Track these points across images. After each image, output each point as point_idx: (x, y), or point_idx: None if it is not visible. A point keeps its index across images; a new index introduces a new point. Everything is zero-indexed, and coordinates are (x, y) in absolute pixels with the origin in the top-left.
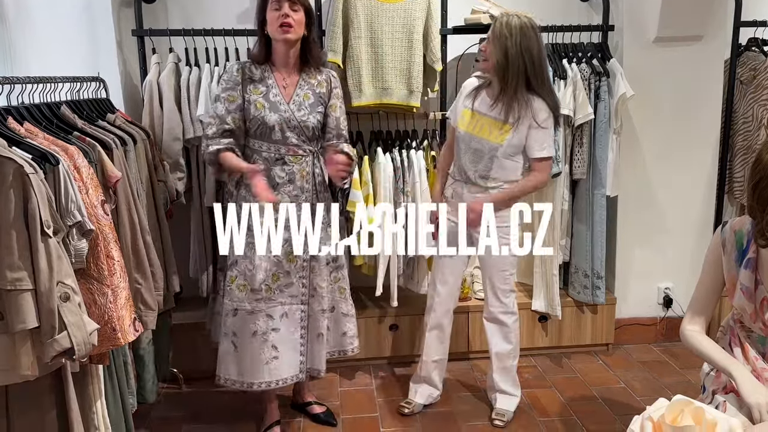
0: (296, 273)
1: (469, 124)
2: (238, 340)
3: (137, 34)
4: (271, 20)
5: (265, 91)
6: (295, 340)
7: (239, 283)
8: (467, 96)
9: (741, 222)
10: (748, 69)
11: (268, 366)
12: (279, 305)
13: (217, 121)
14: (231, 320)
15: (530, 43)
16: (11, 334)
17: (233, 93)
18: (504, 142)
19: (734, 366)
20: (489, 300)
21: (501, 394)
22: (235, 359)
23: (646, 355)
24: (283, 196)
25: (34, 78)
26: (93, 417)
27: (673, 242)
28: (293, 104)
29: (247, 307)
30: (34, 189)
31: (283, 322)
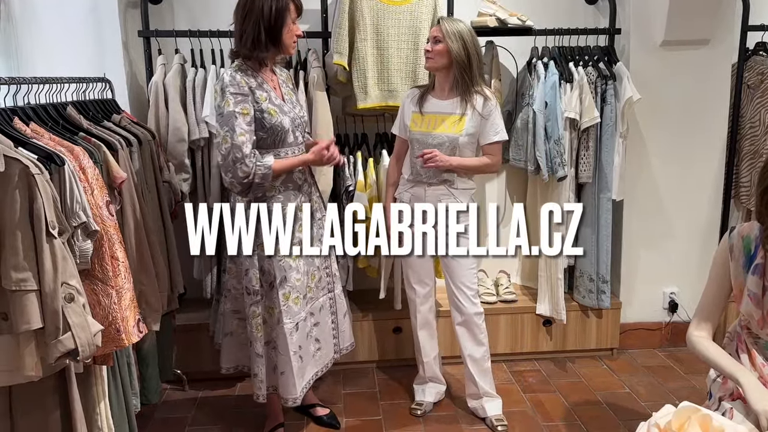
0: (322, 264)
1: (422, 125)
2: (303, 350)
3: (143, 35)
4: (291, 32)
5: (267, 96)
6: (329, 327)
7: (294, 297)
8: (412, 103)
9: (749, 227)
10: (756, 73)
11: (314, 358)
12: (317, 300)
13: (248, 137)
14: (296, 337)
15: (477, 43)
16: (15, 335)
17: (246, 105)
18: (462, 131)
19: (741, 373)
20: (459, 303)
21: (488, 398)
22: (299, 370)
23: (651, 360)
24: (305, 196)
25: (40, 78)
26: (96, 418)
27: (678, 247)
28: (288, 103)
29: (303, 315)
30: (40, 190)
31: (321, 314)
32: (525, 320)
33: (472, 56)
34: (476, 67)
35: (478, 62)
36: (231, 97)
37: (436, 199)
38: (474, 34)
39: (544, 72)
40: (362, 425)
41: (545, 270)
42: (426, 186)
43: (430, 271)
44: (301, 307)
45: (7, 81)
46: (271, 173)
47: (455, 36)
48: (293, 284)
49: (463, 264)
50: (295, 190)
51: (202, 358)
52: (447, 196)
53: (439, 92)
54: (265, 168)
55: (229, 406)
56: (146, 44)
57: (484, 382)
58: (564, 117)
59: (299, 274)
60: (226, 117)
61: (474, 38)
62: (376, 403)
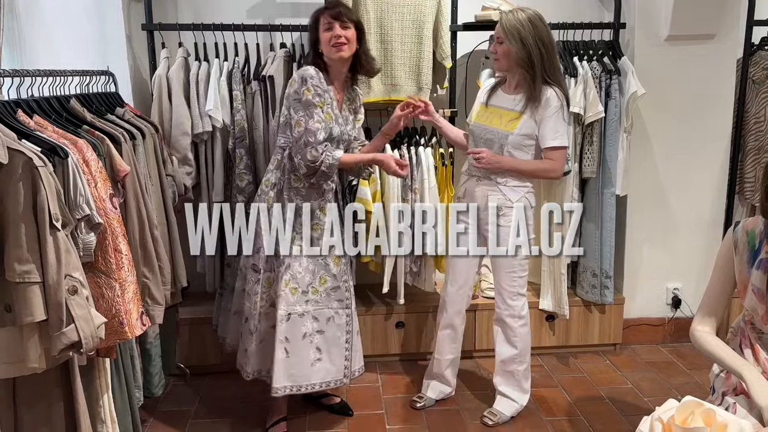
0: (341, 276)
1: (480, 116)
2: (290, 345)
3: (147, 29)
4: (324, 40)
5: (330, 102)
6: (341, 345)
7: (292, 287)
8: (484, 93)
9: (753, 222)
10: (761, 68)
11: (313, 368)
12: (326, 308)
13: (323, 125)
14: (285, 326)
15: (542, 33)
16: (19, 327)
17: (324, 99)
18: (515, 130)
19: (745, 367)
20: (497, 301)
21: (501, 396)
22: (288, 366)
23: (654, 356)
24: (327, 201)
25: (43, 71)
26: (100, 410)
27: (682, 242)
28: (342, 118)
29: (298, 309)
30: (43, 182)
31: (329, 326)
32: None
33: (533, 55)
34: (540, 65)
35: (543, 58)
36: (312, 88)
37: (484, 195)
38: (538, 24)
39: None
40: (365, 419)
41: (548, 265)
42: (477, 180)
43: (468, 271)
44: (297, 300)
45: (10, 73)
46: (337, 164)
47: (513, 35)
48: (294, 274)
49: (503, 265)
50: (320, 193)
51: (205, 351)
52: (495, 193)
53: (507, 87)
54: (334, 159)
55: (232, 399)
56: (150, 37)
57: (503, 381)
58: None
59: (301, 267)
60: (304, 103)
61: (537, 30)
62: (378, 397)
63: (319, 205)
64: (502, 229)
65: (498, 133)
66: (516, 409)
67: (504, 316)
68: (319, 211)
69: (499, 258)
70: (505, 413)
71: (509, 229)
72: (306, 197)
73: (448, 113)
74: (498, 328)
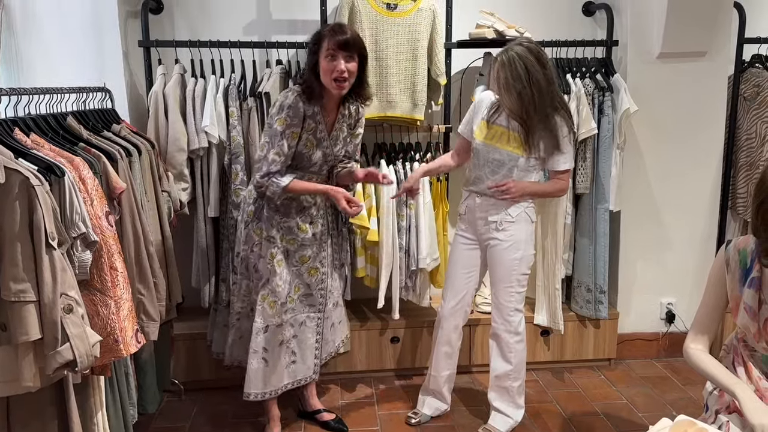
0: (316, 286)
1: (487, 135)
2: (269, 354)
3: (143, 45)
4: (325, 70)
5: (314, 127)
6: (312, 345)
7: (270, 300)
8: (486, 108)
9: (745, 241)
10: (752, 85)
11: (288, 369)
12: (300, 314)
13: (283, 159)
14: (262, 337)
15: (536, 73)
16: (14, 346)
17: (296, 130)
18: (524, 155)
19: (738, 386)
20: (493, 316)
21: (496, 412)
22: (265, 373)
23: (649, 371)
24: (307, 218)
25: (40, 89)
26: (94, 428)
27: (675, 257)
28: (332, 139)
29: (276, 321)
30: (40, 201)
31: (302, 329)
32: None
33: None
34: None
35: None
36: (287, 118)
37: (485, 210)
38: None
39: None
40: None
41: (543, 280)
42: (477, 196)
43: (467, 287)
44: (275, 313)
45: (8, 92)
46: (280, 191)
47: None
48: (273, 288)
49: (502, 280)
50: (298, 210)
51: (199, 367)
52: (495, 207)
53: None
54: (278, 187)
55: (227, 415)
56: (146, 54)
57: (497, 396)
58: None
59: (281, 281)
60: (272, 132)
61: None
62: (374, 413)
63: (297, 223)
64: (502, 243)
65: (508, 155)
66: (511, 425)
67: (501, 332)
68: (297, 229)
69: (499, 273)
70: (501, 429)
71: (509, 244)
72: (284, 213)
73: (443, 129)
74: (493, 342)
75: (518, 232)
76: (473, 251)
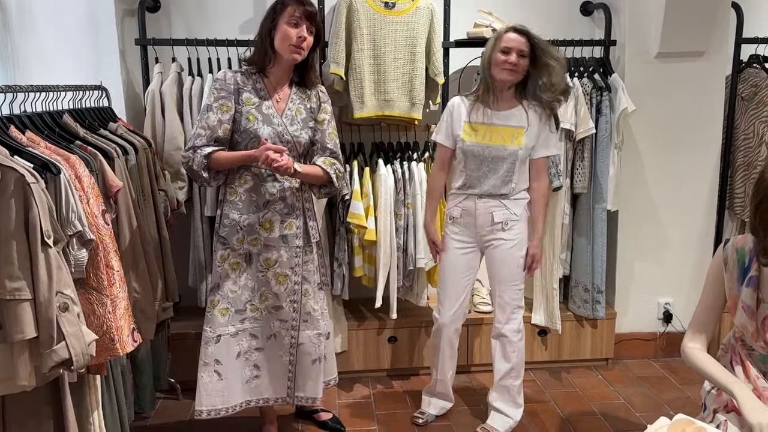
0: (286, 297)
1: (477, 136)
2: (223, 366)
3: (140, 44)
4: (284, 35)
5: (257, 102)
6: (283, 365)
7: (222, 308)
8: (463, 112)
9: (743, 240)
10: (750, 85)
11: (249, 384)
12: (267, 326)
13: (208, 132)
14: (213, 348)
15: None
16: (9, 345)
17: (227, 102)
18: (522, 145)
19: (736, 385)
20: (497, 316)
21: (495, 412)
22: (219, 388)
23: (646, 370)
24: (273, 214)
25: (36, 87)
26: (90, 427)
27: (673, 257)
28: (286, 118)
29: (231, 330)
30: (35, 199)
31: (269, 343)
32: None
33: (548, 66)
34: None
35: None
36: (214, 91)
37: (487, 211)
38: None
39: None
40: None
41: (540, 280)
42: (476, 198)
43: (464, 290)
44: (229, 320)
45: (3, 89)
46: (204, 162)
47: (543, 47)
48: (225, 294)
49: (508, 279)
50: (259, 205)
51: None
52: (499, 208)
53: (498, 102)
54: (200, 156)
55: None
56: (143, 52)
57: (498, 397)
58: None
59: (236, 286)
60: (202, 109)
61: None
62: (371, 412)
63: (259, 219)
64: (508, 242)
65: (506, 150)
66: (510, 426)
67: (506, 331)
68: (260, 227)
69: (504, 272)
70: (499, 429)
71: (515, 243)
72: (243, 210)
73: None
74: (497, 342)
75: (522, 229)
76: (470, 254)
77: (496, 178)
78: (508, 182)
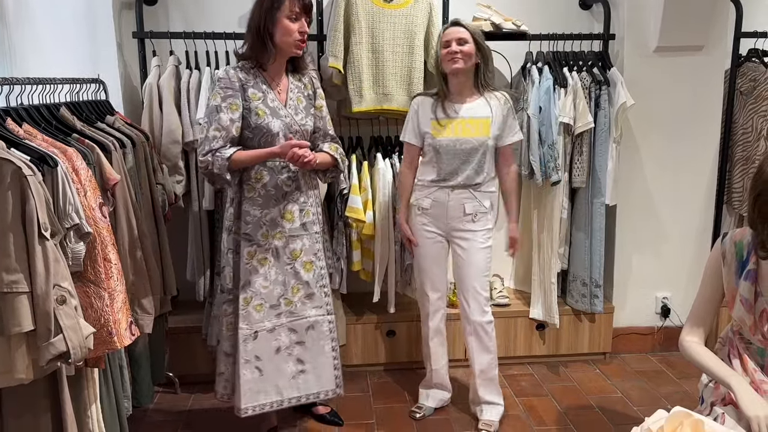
0: (316, 282)
1: (446, 131)
2: (263, 362)
3: (138, 36)
4: (285, 30)
5: (262, 96)
6: (327, 354)
7: (256, 304)
8: (427, 110)
9: (741, 233)
10: (748, 80)
11: (295, 380)
12: (304, 319)
13: (223, 133)
14: (251, 345)
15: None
16: (6, 337)
17: (235, 101)
18: (490, 134)
19: (733, 378)
20: (470, 309)
21: (487, 405)
22: (262, 383)
23: (644, 365)
24: (293, 205)
25: (33, 79)
26: (88, 420)
27: (671, 251)
28: (290, 108)
29: (267, 325)
30: (32, 191)
31: (309, 335)
32: (518, 324)
33: (490, 55)
34: (492, 66)
35: (489, 65)
36: (220, 91)
37: (459, 203)
38: None
39: (538, 77)
40: (355, 428)
41: (538, 274)
42: (449, 190)
43: (443, 277)
44: (264, 316)
45: (0, 82)
46: (226, 165)
47: (479, 35)
48: (257, 290)
49: (480, 269)
50: (278, 198)
51: (194, 360)
52: (470, 199)
53: (458, 96)
54: (222, 160)
55: (222, 409)
56: (140, 45)
57: (487, 390)
58: (558, 122)
59: (267, 281)
60: (209, 110)
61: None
62: (369, 406)
63: (281, 212)
64: (477, 234)
65: (476, 140)
66: (501, 412)
67: (482, 323)
68: (282, 219)
69: (475, 263)
70: (496, 420)
71: (483, 234)
72: (264, 205)
73: None
74: (473, 338)
75: (489, 222)
76: (441, 243)
77: (470, 169)
78: (480, 171)
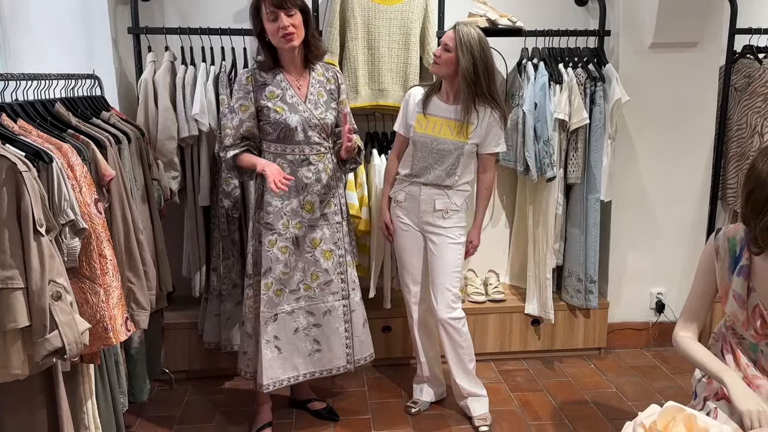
0: (334, 270)
1: (427, 128)
2: (281, 341)
3: (133, 32)
4: (271, 31)
5: (281, 94)
6: (341, 334)
7: (276, 288)
8: (416, 102)
9: (735, 229)
10: (743, 76)
11: (311, 357)
12: (321, 303)
13: (233, 132)
14: (271, 326)
15: (488, 56)
16: (2, 333)
17: (245, 102)
18: (468, 140)
19: (726, 373)
20: (438, 307)
21: (473, 398)
22: (281, 361)
23: (638, 360)
24: (313, 196)
25: (28, 75)
26: (83, 416)
27: (666, 247)
28: (310, 103)
29: (287, 308)
30: (27, 187)
31: (326, 319)
32: (513, 320)
33: (480, 71)
34: (485, 79)
35: (488, 76)
36: (234, 93)
37: (431, 198)
38: (486, 44)
39: (533, 73)
40: (351, 424)
41: (534, 270)
42: (422, 186)
43: (422, 268)
44: (284, 300)
45: None
46: (230, 164)
47: (466, 49)
48: (277, 276)
49: (450, 265)
50: (298, 190)
51: (190, 356)
52: (442, 196)
53: (444, 96)
54: (229, 160)
55: (218, 404)
56: (136, 41)
57: (468, 383)
58: (553, 118)
59: (287, 268)
60: (228, 109)
61: (485, 50)
62: (365, 401)
63: (300, 203)
64: (448, 230)
65: (452, 143)
66: (488, 403)
67: (448, 320)
68: (302, 209)
69: (446, 260)
70: (488, 411)
71: (454, 231)
72: (284, 196)
73: None
74: (444, 334)
75: (461, 220)
76: (414, 235)
77: (441, 169)
78: (452, 174)
